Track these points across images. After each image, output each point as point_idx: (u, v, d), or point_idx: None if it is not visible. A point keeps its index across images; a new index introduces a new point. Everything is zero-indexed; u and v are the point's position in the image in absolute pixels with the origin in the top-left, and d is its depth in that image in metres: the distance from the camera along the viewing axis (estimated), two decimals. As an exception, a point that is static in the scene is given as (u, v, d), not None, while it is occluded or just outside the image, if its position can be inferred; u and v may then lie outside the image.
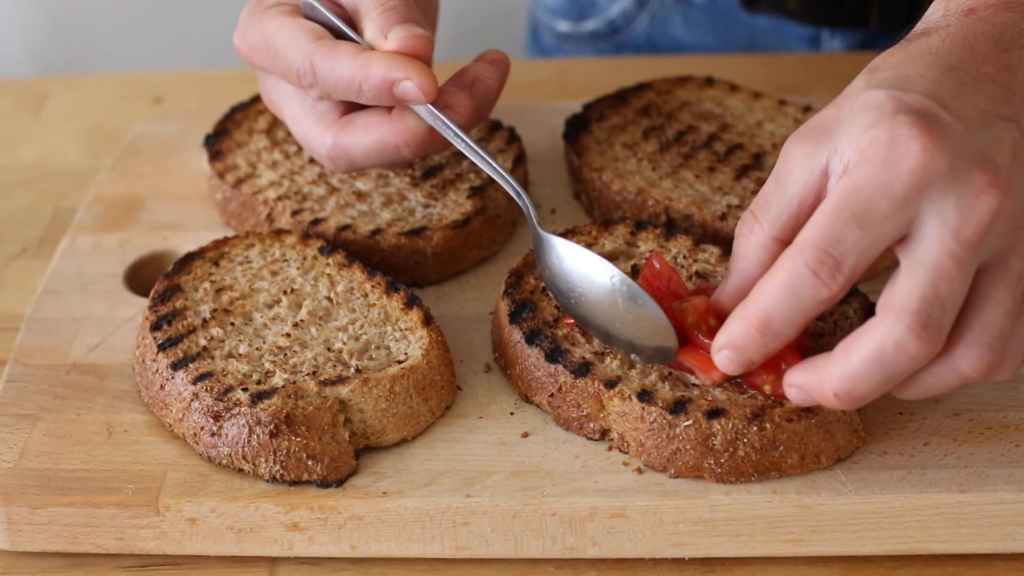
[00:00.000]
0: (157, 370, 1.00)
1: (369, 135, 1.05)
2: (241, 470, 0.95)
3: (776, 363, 0.94)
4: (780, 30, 1.62)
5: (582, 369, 0.97)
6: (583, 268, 0.97)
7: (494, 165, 1.04)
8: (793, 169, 0.87)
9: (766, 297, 0.84)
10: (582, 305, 0.97)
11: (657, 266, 1.00)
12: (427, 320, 1.02)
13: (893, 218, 0.81)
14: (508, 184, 1.04)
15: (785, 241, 0.87)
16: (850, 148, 0.83)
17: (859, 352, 0.82)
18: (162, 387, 0.99)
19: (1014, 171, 0.81)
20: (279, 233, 1.12)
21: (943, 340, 0.81)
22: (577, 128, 1.25)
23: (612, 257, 1.09)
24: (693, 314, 0.94)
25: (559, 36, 1.75)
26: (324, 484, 0.94)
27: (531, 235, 1.02)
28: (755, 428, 0.92)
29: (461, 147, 1.04)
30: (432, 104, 1.03)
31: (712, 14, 1.64)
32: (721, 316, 0.92)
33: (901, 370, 0.82)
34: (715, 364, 0.89)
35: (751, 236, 0.89)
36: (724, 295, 0.92)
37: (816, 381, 0.85)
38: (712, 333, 0.93)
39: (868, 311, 1.01)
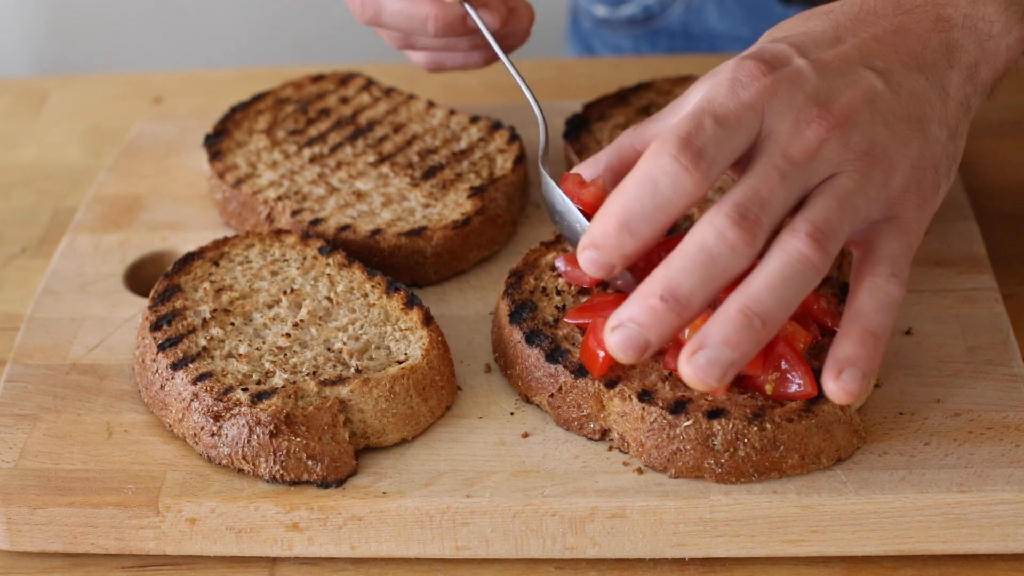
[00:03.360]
0: (157, 370, 1.00)
1: None
2: (241, 470, 0.95)
3: (776, 362, 0.94)
4: None
5: (582, 369, 0.97)
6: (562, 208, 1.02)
7: (514, 70, 1.12)
8: (690, 99, 0.95)
9: (625, 191, 0.86)
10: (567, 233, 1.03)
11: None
12: (427, 320, 1.02)
13: (743, 121, 0.86)
14: (531, 96, 1.11)
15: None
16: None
17: (680, 250, 0.84)
18: (162, 387, 0.99)
19: (861, 111, 0.88)
20: (279, 233, 1.12)
21: (761, 238, 0.84)
22: (577, 128, 1.25)
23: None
24: (693, 328, 0.94)
25: (596, 21, 1.77)
26: (324, 484, 0.94)
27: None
28: (755, 428, 0.92)
29: (490, 39, 1.13)
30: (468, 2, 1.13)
31: (746, 4, 1.65)
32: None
33: (723, 263, 0.83)
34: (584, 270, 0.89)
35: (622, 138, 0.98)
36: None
37: (640, 300, 0.84)
38: None
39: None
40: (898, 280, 0.88)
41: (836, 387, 0.86)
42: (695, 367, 0.83)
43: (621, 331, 0.85)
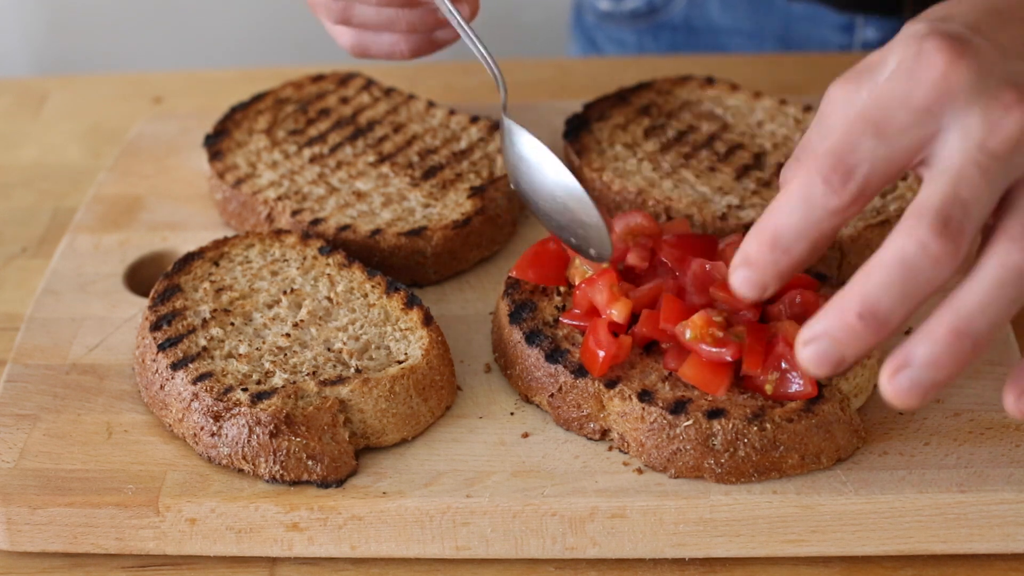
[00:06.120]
0: (157, 370, 1.00)
1: None
2: (241, 470, 0.95)
3: (777, 362, 0.94)
4: (815, 16, 1.63)
5: (582, 369, 0.97)
6: (535, 158, 1.04)
7: (470, 34, 1.10)
8: (836, 109, 0.86)
9: (777, 210, 0.81)
10: (529, 186, 1.03)
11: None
12: (427, 320, 1.02)
13: (911, 130, 0.79)
14: (483, 55, 1.10)
15: None
16: (885, 75, 0.83)
17: (878, 263, 0.77)
18: (162, 387, 0.99)
19: None
20: (279, 233, 1.12)
21: (965, 245, 0.77)
22: (577, 128, 1.25)
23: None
24: (694, 329, 0.94)
25: (600, 15, 1.78)
26: (324, 484, 0.94)
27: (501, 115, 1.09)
28: (755, 428, 0.92)
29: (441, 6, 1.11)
30: None
31: None
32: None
33: (925, 277, 0.76)
34: (736, 294, 0.84)
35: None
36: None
37: (836, 314, 0.78)
38: (716, 343, 0.93)
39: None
40: None
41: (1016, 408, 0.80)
42: (897, 387, 0.77)
43: (815, 345, 0.79)
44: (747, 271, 0.81)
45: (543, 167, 1.02)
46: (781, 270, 0.81)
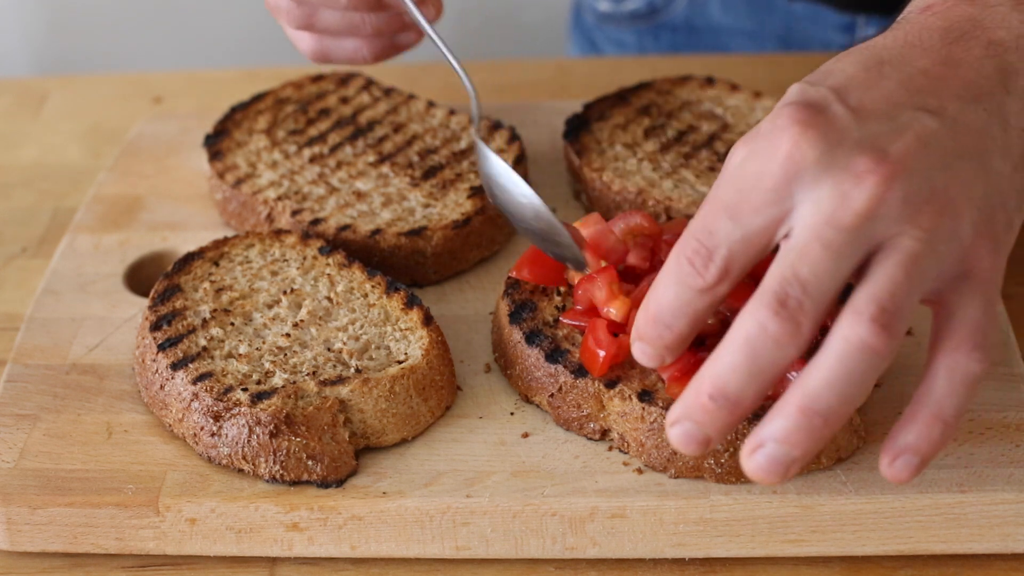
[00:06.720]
0: (157, 370, 1.00)
1: None
2: (241, 470, 0.95)
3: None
4: (816, 16, 1.64)
5: (582, 369, 0.97)
6: (504, 180, 1.06)
7: (437, 40, 1.12)
8: (728, 171, 0.86)
9: (656, 287, 0.82)
10: (504, 204, 1.07)
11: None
12: (427, 320, 1.02)
13: (764, 210, 0.79)
14: (453, 61, 1.13)
15: None
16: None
17: (727, 343, 0.78)
18: (162, 387, 0.99)
19: (917, 157, 0.78)
20: (279, 233, 1.12)
21: (808, 324, 0.76)
22: (577, 128, 1.25)
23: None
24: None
25: (599, 16, 1.78)
26: (324, 484, 0.94)
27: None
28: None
29: (412, 8, 1.12)
30: None
31: None
32: None
33: (769, 356, 0.77)
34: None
35: None
36: None
37: (693, 396, 0.79)
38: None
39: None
40: (981, 353, 0.78)
41: (888, 472, 0.80)
42: (755, 465, 0.78)
43: (679, 427, 0.80)
44: (640, 344, 0.84)
45: (511, 189, 1.05)
46: (668, 344, 0.83)
